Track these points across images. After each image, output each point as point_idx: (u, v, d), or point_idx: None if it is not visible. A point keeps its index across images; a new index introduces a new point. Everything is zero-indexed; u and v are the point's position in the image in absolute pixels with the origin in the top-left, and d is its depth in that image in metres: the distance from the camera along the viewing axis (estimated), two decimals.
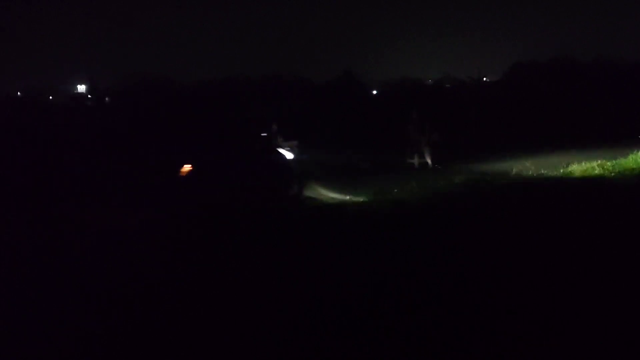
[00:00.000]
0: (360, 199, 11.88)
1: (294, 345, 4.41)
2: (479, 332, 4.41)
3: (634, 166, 12.32)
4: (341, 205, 11.23)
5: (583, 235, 6.80)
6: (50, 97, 37.60)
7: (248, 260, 6.68)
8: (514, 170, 13.46)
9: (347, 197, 12.45)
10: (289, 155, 13.41)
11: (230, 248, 7.31)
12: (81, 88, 39.86)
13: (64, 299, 5.67)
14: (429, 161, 17.24)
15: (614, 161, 13.05)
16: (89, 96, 35.62)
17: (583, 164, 13.12)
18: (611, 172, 11.96)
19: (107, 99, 32.79)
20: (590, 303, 4.82)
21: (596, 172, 12.17)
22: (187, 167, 11.40)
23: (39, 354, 4.53)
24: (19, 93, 36.49)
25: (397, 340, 4.34)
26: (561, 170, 12.91)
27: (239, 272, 6.23)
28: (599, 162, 12.96)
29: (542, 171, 13.00)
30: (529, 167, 13.42)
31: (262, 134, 14.52)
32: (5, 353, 4.56)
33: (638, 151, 13.54)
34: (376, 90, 37.28)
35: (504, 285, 5.34)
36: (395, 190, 11.68)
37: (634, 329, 4.31)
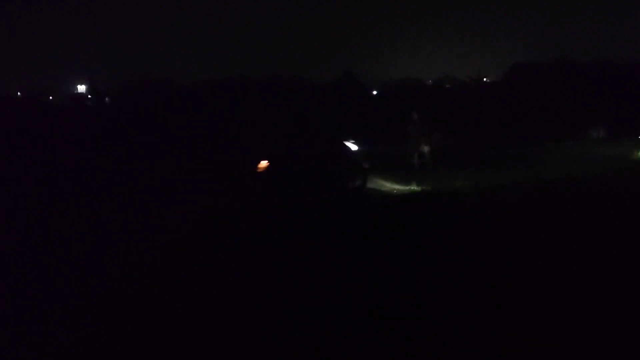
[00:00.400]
0: (420, 189, 12.39)
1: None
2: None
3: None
4: (409, 196, 11.76)
5: None
6: (51, 97, 37.57)
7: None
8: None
9: (409, 188, 12.76)
10: (354, 148, 13.74)
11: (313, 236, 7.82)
12: (81, 88, 39.83)
13: (64, 299, 5.68)
14: (429, 161, 17.25)
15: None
16: (89, 96, 35.58)
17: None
18: None
19: (107, 99, 32.74)
20: None
21: None
22: (264, 163, 11.70)
23: (39, 354, 4.52)
24: (19, 93, 36.47)
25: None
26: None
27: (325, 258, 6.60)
28: None
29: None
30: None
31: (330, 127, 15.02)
32: (5, 353, 4.56)
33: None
34: (376, 90, 37.25)
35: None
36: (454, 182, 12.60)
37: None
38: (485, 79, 35.11)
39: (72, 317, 5.17)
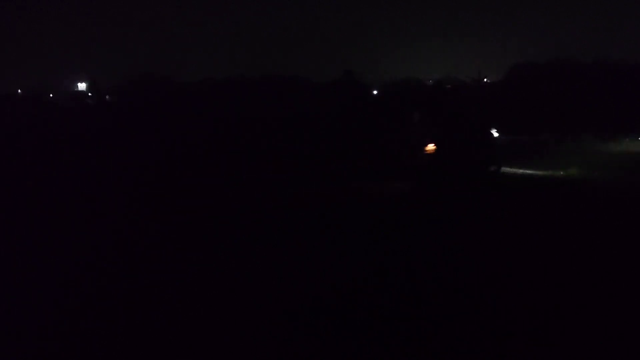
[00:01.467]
0: (544, 173, 14.18)
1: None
2: None
3: None
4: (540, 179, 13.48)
5: None
6: (51, 95, 37.49)
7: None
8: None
9: (530, 172, 14.38)
10: (495, 135, 16.08)
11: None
12: (81, 86, 39.76)
13: (64, 299, 5.68)
14: None
15: None
16: (90, 94, 35.54)
17: None
18: None
19: (107, 97, 32.71)
20: None
21: None
22: (431, 146, 14.27)
23: (39, 354, 4.53)
24: (19, 91, 36.40)
25: None
26: (561, 172, 14.70)
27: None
28: None
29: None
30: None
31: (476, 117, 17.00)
32: (5, 353, 4.57)
33: None
34: (376, 90, 37.16)
35: None
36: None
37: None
38: (485, 79, 35.05)
39: (72, 317, 5.18)
